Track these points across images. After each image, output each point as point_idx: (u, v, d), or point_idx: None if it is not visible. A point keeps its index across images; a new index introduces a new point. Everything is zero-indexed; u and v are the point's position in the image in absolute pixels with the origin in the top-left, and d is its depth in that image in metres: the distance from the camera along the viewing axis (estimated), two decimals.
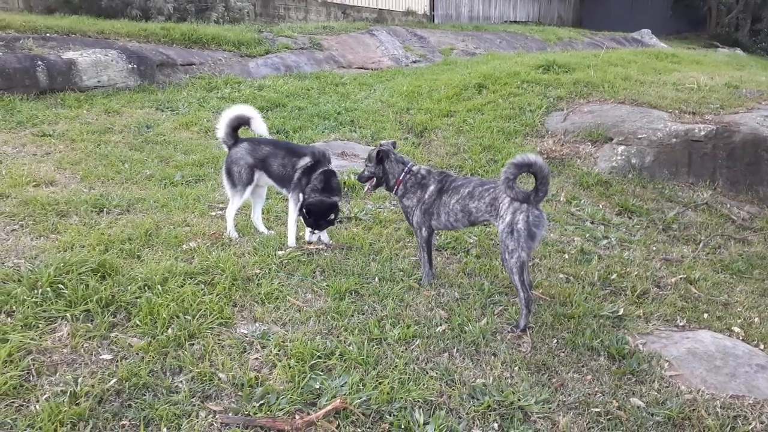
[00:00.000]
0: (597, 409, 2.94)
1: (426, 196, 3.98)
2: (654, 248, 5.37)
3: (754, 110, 7.93)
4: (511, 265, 3.53)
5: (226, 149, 4.55)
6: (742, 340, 3.81)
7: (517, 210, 3.50)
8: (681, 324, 3.95)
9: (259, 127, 4.54)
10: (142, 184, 5.54)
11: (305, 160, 4.41)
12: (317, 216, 4.32)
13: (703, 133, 7.23)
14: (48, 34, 9.29)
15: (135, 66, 9.07)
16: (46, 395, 2.63)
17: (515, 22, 24.75)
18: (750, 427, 2.91)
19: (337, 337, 3.33)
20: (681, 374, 3.33)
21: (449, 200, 3.88)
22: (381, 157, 4.10)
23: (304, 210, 4.33)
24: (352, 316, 3.56)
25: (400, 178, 4.07)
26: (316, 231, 4.41)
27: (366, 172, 4.19)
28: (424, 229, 4.03)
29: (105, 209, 4.77)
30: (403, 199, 4.10)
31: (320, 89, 10.21)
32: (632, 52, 14.60)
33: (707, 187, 6.97)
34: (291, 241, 4.47)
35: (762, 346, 3.74)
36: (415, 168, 4.09)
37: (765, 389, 3.23)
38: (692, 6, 26.97)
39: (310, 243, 4.47)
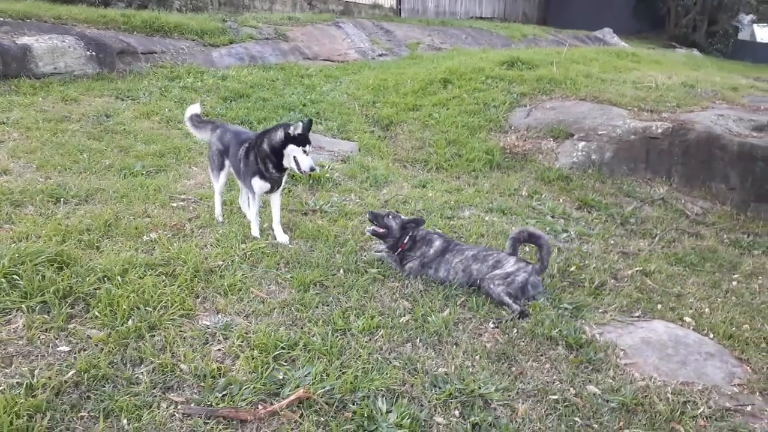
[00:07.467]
0: (555, 397, 3.02)
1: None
2: (612, 242, 5.52)
3: (709, 109, 8.21)
4: (497, 292, 3.92)
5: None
6: (693, 329, 3.96)
7: (522, 269, 3.96)
8: (636, 314, 4.08)
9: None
10: (101, 174, 5.41)
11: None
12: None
13: (660, 130, 7.44)
14: (2, 19, 8.95)
15: (94, 53, 8.80)
16: (1, 387, 2.57)
17: (481, 18, 24.94)
18: (698, 412, 3.04)
19: (301, 328, 3.34)
20: (635, 362, 3.45)
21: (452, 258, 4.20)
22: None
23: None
24: (317, 307, 3.57)
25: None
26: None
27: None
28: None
29: (62, 199, 4.64)
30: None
31: (285, 80, 10.10)
32: (594, 50, 14.90)
33: (663, 183, 7.19)
34: (255, 231, 4.47)
35: (711, 335, 3.90)
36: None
37: (713, 376, 3.37)
38: (653, 7, 27.58)
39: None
